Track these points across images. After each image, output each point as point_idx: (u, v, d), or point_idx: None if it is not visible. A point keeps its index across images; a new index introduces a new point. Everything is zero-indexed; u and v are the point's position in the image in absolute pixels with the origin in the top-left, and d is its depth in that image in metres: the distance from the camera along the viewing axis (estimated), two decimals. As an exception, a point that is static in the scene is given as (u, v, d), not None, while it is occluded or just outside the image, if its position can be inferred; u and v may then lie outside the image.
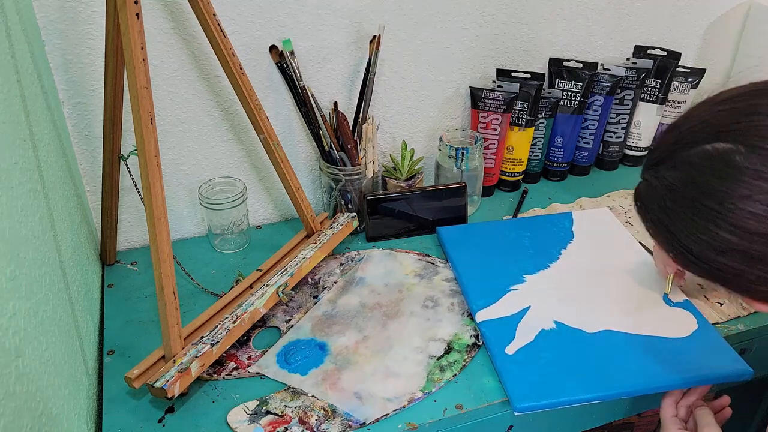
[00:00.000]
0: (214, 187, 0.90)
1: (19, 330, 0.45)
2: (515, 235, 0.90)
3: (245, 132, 0.90)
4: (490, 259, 0.86)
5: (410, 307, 0.80)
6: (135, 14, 0.59)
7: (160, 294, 0.65)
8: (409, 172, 0.97)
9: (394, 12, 0.90)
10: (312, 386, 0.68)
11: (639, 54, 1.08)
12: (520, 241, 0.89)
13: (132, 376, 0.64)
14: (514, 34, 1.00)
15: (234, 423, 0.64)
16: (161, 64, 0.81)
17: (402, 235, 0.94)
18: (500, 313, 0.77)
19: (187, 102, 0.85)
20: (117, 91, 0.72)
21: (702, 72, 1.09)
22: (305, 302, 0.81)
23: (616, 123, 1.09)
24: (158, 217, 0.63)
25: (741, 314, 0.79)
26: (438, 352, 0.73)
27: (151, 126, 0.62)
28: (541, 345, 0.72)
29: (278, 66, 0.86)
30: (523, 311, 0.77)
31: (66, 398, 0.55)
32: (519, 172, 1.05)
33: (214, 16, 0.70)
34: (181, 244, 0.93)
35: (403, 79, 0.96)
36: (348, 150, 0.89)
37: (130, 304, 0.81)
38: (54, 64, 0.76)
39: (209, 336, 0.69)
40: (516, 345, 0.72)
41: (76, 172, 0.81)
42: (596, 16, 1.04)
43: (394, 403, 0.67)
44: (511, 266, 0.84)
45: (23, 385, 0.44)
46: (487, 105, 0.98)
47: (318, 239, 0.85)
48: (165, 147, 0.86)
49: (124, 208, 0.89)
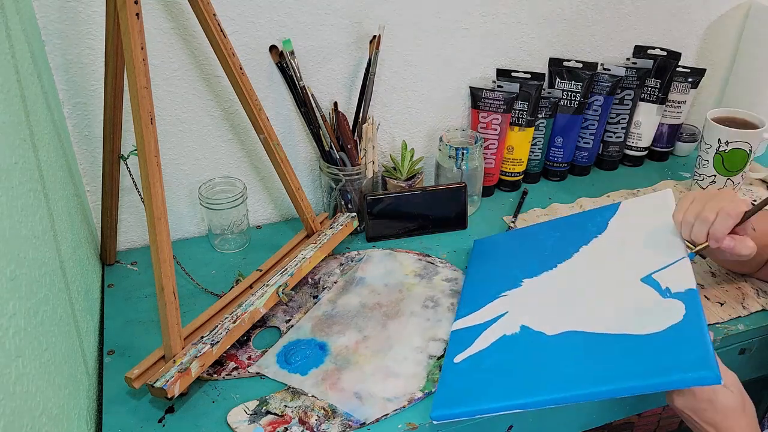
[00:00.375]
0: (214, 187, 0.90)
1: (19, 330, 0.45)
2: (545, 236, 0.83)
3: (245, 132, 0.90)
4: (503, 265, 0.81)
5: (410, 307, 0.80)
6: (135, 14, 0.59)
7: (160, 294, 0.65)
8: (409, 172, 0.97)
9: (394, 12, 0.90)
10: (312, 386, 0.68)
11: (639, 54, 1.08)
12: (546, 241, 0.82)
13: (132, 376, 0.64)
14: (515, 33, 1.00)
15: (234, 423, 0.64)
16: (161, 64, 0.81)
17: (402, 235, 0.94)
18: (475, 321, 0.73)
19: (187, 102, 0.85)
20: (117, 91, 0.72)
21: (702, 72, 1.09)
22: (305, 302, 0.81)
23: (616, 123, 1.09)
24: (158, 217, 0.64)
25: (741, 314, 0.79)
26: (438, 352, 0.73)
27: (151, 126, 0.62)
28: (492, 352, 0.67)
29: (278, 66, 0.86)
30: (497, 318, 0.72)
31: (66, 398, 0.55)
32: (519, 172, 1.05)
33: (214, 16, 0.70)
34: (181, 244, 0.93)
35: (403, 79, 0.96)
36: (348, 150, 0.89)
37: (130, 304, 0.81)
38: (54, 64, 0.76)
39: (209, 336, 0.69)
40: (466, 353, 0.68)
41: (76, 172, 0.81)
42: (596, 16, 1.04)
43: (394, 403, 0.67)
44: (516, 270, 0.79)
45: (23, 385, 0.44)
46: (487, 105, 0.98)
47: (318, 239, 0.85)
48: (165, 147, 0.86)
49: (124, 208, 0.89)
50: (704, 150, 0.99)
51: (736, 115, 0.99)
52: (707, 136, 0.98)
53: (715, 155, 0.97)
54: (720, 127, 0.95)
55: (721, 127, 0.95)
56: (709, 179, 1.00)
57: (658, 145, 1.15)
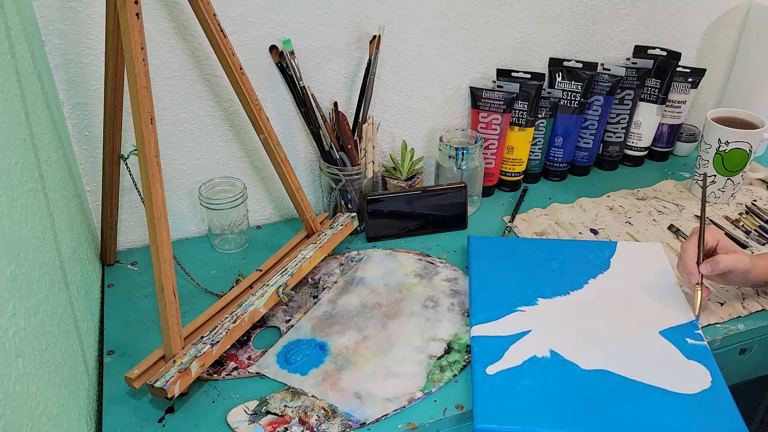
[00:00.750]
0: (214, 187, 0.90)
1: (19, 330, 0.45)
2: (546, 256, 0.86)
3: (245, 132, 0.90)
4: (510, 275, 0.83)
5: (410, 307, 0.80)
6: (135, 14, 0.59)
7: (160, 294, 0.65)
8: (409, 172, 0.97)
9: (394, 12, 0.90)
10: (312, 386, 0.68)
11: (639, 54, 1.08)
12: (550, 263, 0.85)
13: (132, 376, 0.64)
14: (514, 33, 1.00)
15: (234, 423, 0.64)
16: (161, 64, 0.81)
17: (402, 235, 0.94)
18: (497, 331, 0.74)
19: (187, 102, 0.85)
20: (117, 91, 0.72)
21: (702, 72, 1.09)
22: (305, 302, 0.81)
23: (616, 123, 1.09)
24: (158, 217, 0.64)
25: (741, 314, 0.79)
26: (438, 352, 0.73)
27: (151, 126, 0.62)
28: (526, 371, 0.69)
29: (278, 66, 0.86)
30: (521, 334, 0.74)
31: (66, 398, 0.55)
32: (519, 172, 1.05)
33: (214, 16, 0.70)
34: (181, 244, 0.93)
35: (403, 79, 0.96)
36: (348, 150, 0.89)
37: (130, 304, 0.81)
38: (54, 64, 0.76)
39: (209, 336, 0.69)
40: (498, 366, 0.69)
41: (76, 173, 0.81)
42: (596, 16, 1.04)
43: (394, 403, 0.67)
44: (528, 286, 0.81)
45: (23, 385, 0.44)
46: (487, 105, 0.98)
47: (318, 239, 0.85)
48: (165, 147, 0.87)
49: (124, 208, 0.89)
50: (704, 150, 0.99)
51: (736, 115, 0.99)
52: (707, 136, 0.98)
53: (715, 155, 0.97)
54: (720, 126, 0.95)
55: (722, 127, 0.95)
56: (710, 179, 1.00)
57: (658, 145, 1.15)
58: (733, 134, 0.94)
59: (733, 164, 0.97)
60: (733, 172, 0.98)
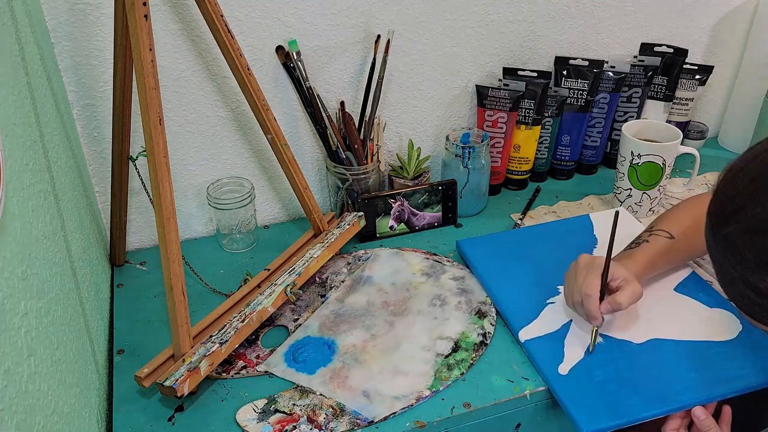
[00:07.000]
0: (222, 187, 0.90)
1: (31, 329, 0.46)
2: (538, 244, 0.87)
3: (253, 132, 0.91)
4: (519, 271, 0.83)
5: (417, 305, 0.80)
6: (143, 16, 0.59)
7: (169, 294, 0.65)
8: (415, 171, 0.97)
9: (401, 11, 0.90)
10: (320, 385, 0.69)
11: (646, 51, 1.08)
12: (545, 250, 0.86)
13: (142, 375, 0.65)
14: (521, 32, 1.00)
15: (243, 421, 0.65)
16: (169, 65, 0.81)
17: (394, 234, 0.94)
18: (543, 329, 0.74)
19: (195, 103, 0.85)
20: (126, 92, 0.73)
21: (710, 69, 1.08)
22: (313, 301, 0.81)
23: (623, 121, 1.08)
24: (167, 217, 0.64)
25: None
26: (445, 350, 0.73)
27: (159, 127, 0.62)
28: (591, 361, 0.70)
29: (285, 66, 0.87)
30: (566, 326, 0.74)
31: (77, 397, 0.56)
32: (526, 170, 1.05)
33: (222, 17, 0.70)
34: (189, 244, 0.93)
35: (409, 78, 0.96)
36: (354, 150, 0.89)
37: (140, 304, 0.82)
38: (63, 66, 0.77)
39: (218, 335, 0.69)
40: (568, 364, 0.69)
41: (85, 174, 0.81)
42: (602, 14, 1.03)
43: (401, 402, 0.67)
44: (543, 277, 0.81)
45: (35, 383, 0.45)
46: (493, 103, 0.98)
47: (325, 238, 0.86)
48: (173, 148, 0.87)
49: (133, 209, 0.90)
50: (620, 162, 0.96)
51: (656, 128, 0.96)
52: (622, 149, 0.95)
53: (630, 168, 0.94)
54: (632, 139, 0.92)
55: (633, 140, 0.92)
56: (626, 192, 0.97)
57: (666, 142, 1.15)
58: (644, 147, 0.91)
59: (647, 178, 0.94)
60: (648, 186, 0.94)
